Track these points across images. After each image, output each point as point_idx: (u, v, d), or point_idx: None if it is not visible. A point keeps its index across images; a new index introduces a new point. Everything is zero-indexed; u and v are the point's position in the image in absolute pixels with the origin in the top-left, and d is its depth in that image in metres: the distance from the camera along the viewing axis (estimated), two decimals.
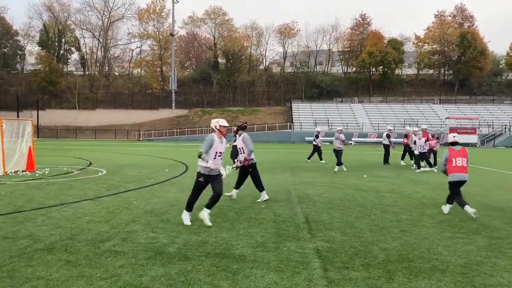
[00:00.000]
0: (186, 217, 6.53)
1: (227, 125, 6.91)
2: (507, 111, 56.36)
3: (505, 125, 50.11)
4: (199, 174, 6.52)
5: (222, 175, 6.68)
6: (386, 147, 18.50)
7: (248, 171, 8.68)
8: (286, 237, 5.78)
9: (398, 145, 22.12)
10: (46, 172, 13.35)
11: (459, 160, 7.69)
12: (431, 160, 16.60)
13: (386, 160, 18.34)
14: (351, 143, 19.50)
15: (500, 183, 12.36)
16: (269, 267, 4.52)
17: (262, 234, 5.92)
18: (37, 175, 12.72)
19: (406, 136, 18.22)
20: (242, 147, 8.49)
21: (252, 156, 8.62)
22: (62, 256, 4.80)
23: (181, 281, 4.09)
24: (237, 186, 8.89)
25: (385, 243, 5.56)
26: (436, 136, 18.02)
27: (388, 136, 18.63)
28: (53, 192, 9.44)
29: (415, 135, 16.40)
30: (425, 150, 15.99)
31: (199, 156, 6.41)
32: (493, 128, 49.93)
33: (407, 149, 17.92)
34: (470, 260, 4.88)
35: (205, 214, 6.48)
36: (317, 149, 19.20)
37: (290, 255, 4.95)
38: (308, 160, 19.30)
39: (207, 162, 6.41)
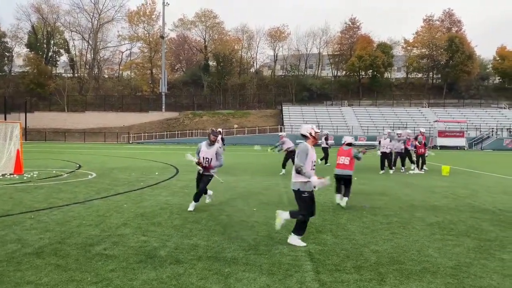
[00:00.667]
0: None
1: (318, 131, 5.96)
2: (494, 114, 57.23)
3: (492, 128, 50.86)
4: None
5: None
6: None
7: None
8: (278, 240, 5.78)
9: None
10: (35, 175, 13.19)
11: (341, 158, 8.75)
12: (414, 161, 17.09)
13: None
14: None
15: (488, 186, 12.51)
16: (261, 270, 4.51)
17: (254, 237, 5.91)
18: (25, 178, 12.56)
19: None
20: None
21: None
22: (52, 260, 4.74)
23: (173, 284, 4.06)
24: None
25: (376, 245, 5.60)
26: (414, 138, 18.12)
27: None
28: (42, 196, 9.32)
29: (398, 137, 16.99)
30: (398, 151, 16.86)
31: (298, 171, 5.54)
32: (480, 131, 50.63)
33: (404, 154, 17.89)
34: (460, 262, 4.93)
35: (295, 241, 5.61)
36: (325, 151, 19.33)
37: (282, 258, 4.95)
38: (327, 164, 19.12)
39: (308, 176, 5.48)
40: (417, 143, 17.10)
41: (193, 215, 7.37)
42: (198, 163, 7.85)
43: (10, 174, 13.28)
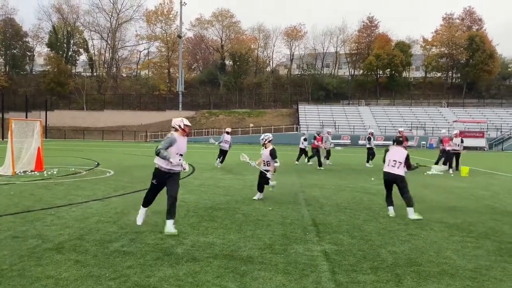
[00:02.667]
0: None
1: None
2: None
3: None
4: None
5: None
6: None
7: None
8: (294, 240, 5.77)
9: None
10: (55, 172, 13.45)
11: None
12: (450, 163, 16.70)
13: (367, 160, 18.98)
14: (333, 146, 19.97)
15: (509, 188, 12.24)
16: (277, 269, 4.51)
17: (270, 236, 5.91)
18: (45, 175, 12.82)
19: (441, 141, 17.76)
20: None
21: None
22: (71, 256, 4.83)
23: (189, 282, 4.09)
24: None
25: (394, 246, 5.54)
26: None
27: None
28: (62, 192, 9.50)
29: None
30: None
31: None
32: (501, 131, 49.55)
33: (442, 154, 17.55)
34: (480, 264, 4.84)
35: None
36: (370, 151, 19.22)
37: (298, 258, 4.94)
38: (368, 165, 19.02)
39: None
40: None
41: (209, 214, 7.42)
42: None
43: (31, 171, 13.58)
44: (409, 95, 65.64)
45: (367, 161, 19.07)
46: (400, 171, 7.44)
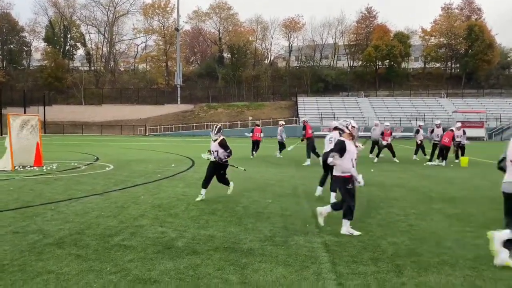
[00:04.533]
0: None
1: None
2: None
3: None
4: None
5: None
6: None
7: None
8: (294, 232, 5.78)
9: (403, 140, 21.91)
10: (54, 167, 13.44)
11: None
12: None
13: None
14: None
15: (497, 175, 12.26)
16: (277, 261, 4.52)
17: (270, 229, 5.93)
18: (45, 170, 12.81)
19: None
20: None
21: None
22: (72, 250, 4.84)
23: (190, 275, 4.10)
24: None
25: (394, 237, 5.55)
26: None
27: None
28: (61, 187, 9.50)
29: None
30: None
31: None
32: (500, 121, 49.53)
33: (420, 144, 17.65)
34: (479, 254, 4.85)
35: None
36: (419, 145, 18.14)
37: (299, 249, 4.95)
38: (415, 157, 18.35)
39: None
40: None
41: (209, 207, 7.42)
42: None
43: (30, 167, 13.56)
44: (408, 86, 65.44)
45: (415, 153, 18.25)
46: None
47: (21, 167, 13.31)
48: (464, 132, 16.97)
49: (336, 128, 7.69)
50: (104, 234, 5.53)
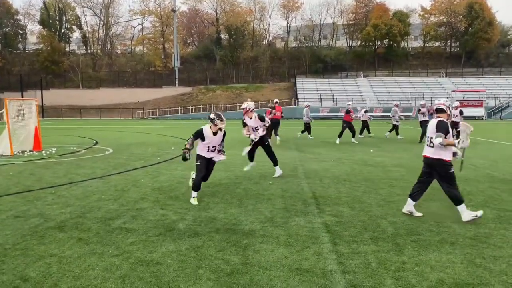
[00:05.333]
0: None
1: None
2: None
3: None
4: None
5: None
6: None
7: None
8: (295, 212, 5.80)
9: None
10: (53, 152, 13.42)
11: None
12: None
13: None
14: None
15: (507, 156, 12.29)
16: (278, 242, 4.55)
17: (271, 210, 5.95)
18: (44, 154, 12.79)
19: (348, 112, 17.34)
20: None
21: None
22: (74, 234, 4.86)
23: (192, 256, 4.13)
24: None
25: (394, 217, 5.58)
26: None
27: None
28: (61, 171, 9.50)
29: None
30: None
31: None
32: (500, 100, 49.42)
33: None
34: (479, 232, 4.88)
35: None
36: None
37: (299, 230, 4.97)
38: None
39: None
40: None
41: (209, 189, 7.44)
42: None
43: (30, 151, 13.54)
44: (408, 66, 65.02)
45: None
46: None
47: (20, 151, 13.29)
48: (461, 112, 16.70)
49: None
50: (105, 218, 5.55)
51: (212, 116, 6.59)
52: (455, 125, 16.84)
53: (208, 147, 6.61)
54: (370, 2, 71.07)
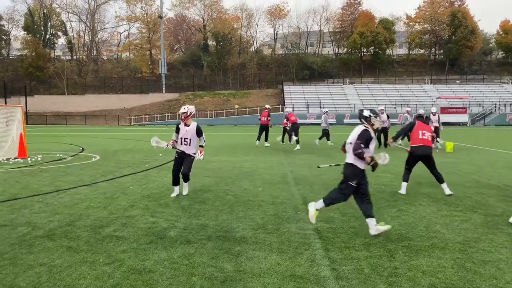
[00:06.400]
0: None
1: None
2: (497, 90, 56.78)
3: (495, 104, 50.57)
4: None
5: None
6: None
7: None
8: (286, 219, 5.81)
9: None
10: (39, 159, 13.21)
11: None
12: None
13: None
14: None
15: (492, 161, 12.51)
16: (271, 249, 4.55)
17: (262, 216, 5.94)
18: (29, 162, 12.58)
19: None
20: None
21: None
22: (63, 242, 4.78)
23: (185, 264, 4.10)
24: None
25: (384, 222, 5.61)
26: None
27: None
28: (48, 179, 9.36)
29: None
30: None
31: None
32: (483, 107, 50.36)
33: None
34: (468, 237, 4.95)
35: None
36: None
37: (291, 237, 4.98)
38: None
39: None
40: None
41: (199, 196, 7.41)
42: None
43: (14, 158, 13.31)
44: (393, 73, 65.93)
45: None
46: None
47: (5, 159, 13.05)
48: (388, 117, 17.18)
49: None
50: (95, 225, 5.48)
51: (367, 113, 5.40)
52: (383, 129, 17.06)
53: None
54: (356, 10, 72.03)
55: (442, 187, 7.57)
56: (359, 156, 5.06)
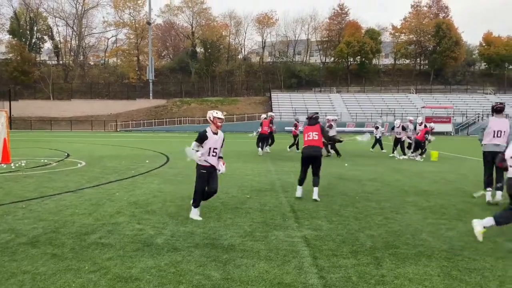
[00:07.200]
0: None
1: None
2: (480, 100, 57.90)
3: (478, 114, 51.51)
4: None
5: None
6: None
7: None
8: (274, 226, 5.80)
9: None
10: (23, 165, 12.99)
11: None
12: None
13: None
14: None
15: (476, 170, 12.68)
16: (259, 256, 4.53)
17: (250, 224, 5.93)
18: (13, 167, 12.36)
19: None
20: None
21: None
22: (47, 249, 4.69)
23: (172, 272, 4.06)
24: None
25: (371, 230, 5.66)
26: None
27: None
28: (32, 185, 9.19)
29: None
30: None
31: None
32: (466, 117, 51.27)
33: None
34: (454, 245, 5.01)
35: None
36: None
37: (279, 244, 4.97)
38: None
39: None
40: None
41: (187, 203, 7.34)
42: None
43: None
44: (379, 82, 66.78)
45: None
46: None
47: None
48: (415, 128, 17.39)
49: None
50: (80, 232, 5.39)
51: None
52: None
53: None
54: (343, 20, 72.89)
55: (314, 190, 7.68)
56: None
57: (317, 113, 8.23)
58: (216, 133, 6.30)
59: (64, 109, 58.93)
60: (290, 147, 19.64)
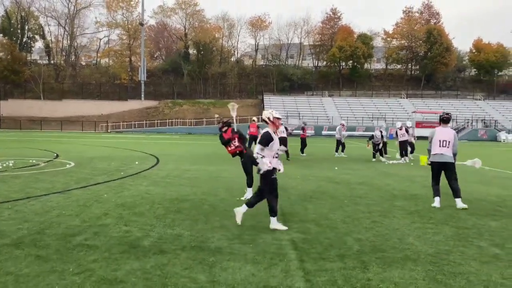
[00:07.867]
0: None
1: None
2: (470, 106, 58.56)
3: (468, 119, 52.06)
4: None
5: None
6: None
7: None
8: (262, 229, 5.79)
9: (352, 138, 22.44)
10: (10, 165, 12.84)
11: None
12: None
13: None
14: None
15: (464, 176, 12.80)
16: (246, 259, 4.52)
17: (238, 227, 5.91)
18: (0, 167, 12.21)
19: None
20: None
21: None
22: (32, 251, 4.63)
23: (158, 274, 4.03)
24: None
25: (359, 234, 5.67)
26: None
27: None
28: (19, 185, 9.09)
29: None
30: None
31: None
32: (456, 122, 51.73)
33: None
34: (440, 249, 5.04)
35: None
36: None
37: (267, 247, 4.97)
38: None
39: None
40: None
41: (175, 205, 7.32)
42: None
43: None
44: (371, 87, 67.23)
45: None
46: None
47: None
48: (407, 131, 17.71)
49: None
50: (65, 234, 5.33)
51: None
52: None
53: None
54: (336, 24, 73.31)
55: (248, 190, 8.00)
56: None
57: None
58: (275, 134, 6.03)
59: (55, 109, 58.38)
60: (301, 150, 19.69)
